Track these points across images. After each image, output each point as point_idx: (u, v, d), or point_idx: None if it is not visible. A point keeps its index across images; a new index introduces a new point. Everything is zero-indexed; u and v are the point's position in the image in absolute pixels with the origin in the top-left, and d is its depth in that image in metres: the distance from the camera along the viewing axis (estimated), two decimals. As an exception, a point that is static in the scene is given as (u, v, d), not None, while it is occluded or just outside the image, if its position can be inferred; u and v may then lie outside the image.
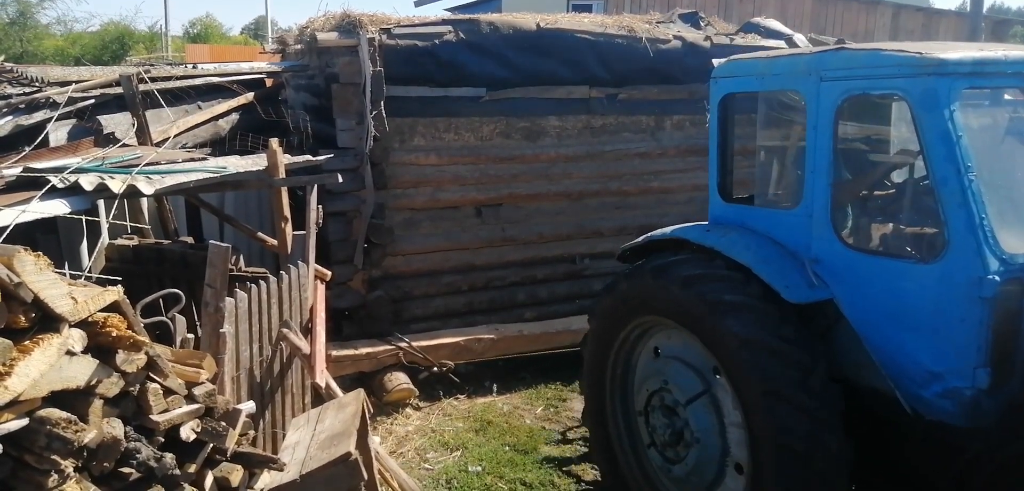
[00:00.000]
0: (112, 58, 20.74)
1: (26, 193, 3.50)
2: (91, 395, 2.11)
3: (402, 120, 5.34)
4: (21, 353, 1.91)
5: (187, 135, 5.86)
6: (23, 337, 1.95)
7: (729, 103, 3.69)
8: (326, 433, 3.00)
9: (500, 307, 5.94)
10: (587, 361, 4.04)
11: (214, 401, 2.49)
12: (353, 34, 5.14)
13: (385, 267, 5.50)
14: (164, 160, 4.35)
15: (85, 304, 2.09)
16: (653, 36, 5.83)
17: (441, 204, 5.63)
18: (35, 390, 1.94)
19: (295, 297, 3.97)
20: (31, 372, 1.91)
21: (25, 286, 1.92)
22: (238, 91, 6.73)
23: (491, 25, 5.44)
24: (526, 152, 5.77)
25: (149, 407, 2.28)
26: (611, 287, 3.89)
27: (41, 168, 3.85)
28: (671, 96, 6.10)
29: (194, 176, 4.01)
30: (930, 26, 14.75)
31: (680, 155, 6.24)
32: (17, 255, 1.94)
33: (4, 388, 1.85)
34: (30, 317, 1.97)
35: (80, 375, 2.07)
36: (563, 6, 18.09)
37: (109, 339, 2.15)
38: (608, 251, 6.16)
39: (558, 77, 5.67)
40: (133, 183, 3.70)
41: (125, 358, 2.19)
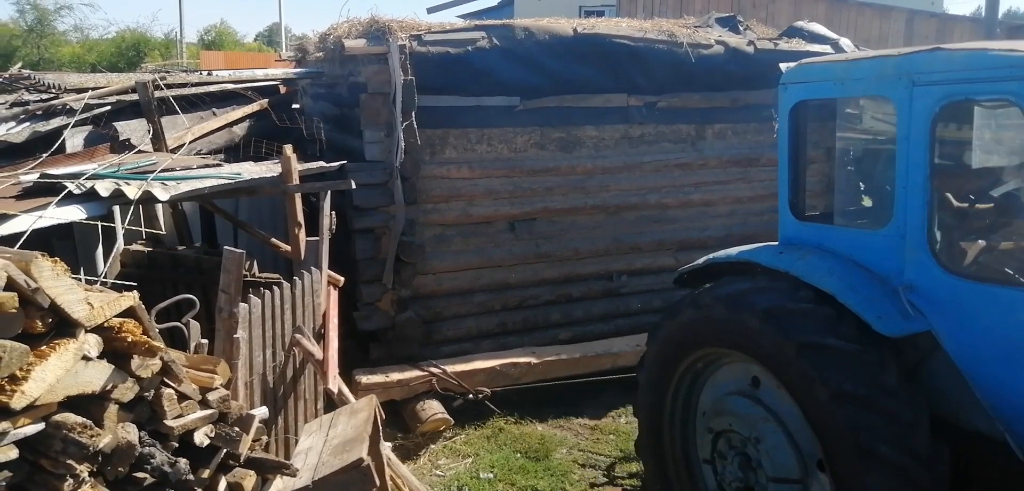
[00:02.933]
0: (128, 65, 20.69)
1: (43, 199, 3.52)
2: (106, 400, 2.11)
3: (433, 131, 5.04)
4: (38, 358, 1.91)
5: (202, 141, 5.88)
6: (40, 342, 1.95)
7: (801, 111, 3.36)
8: (338, 439, 2.99)
9: (534, 327, 5.61)
10: (643, 388, 3.70)
11: (228, 406, 2.49)
12: (382, 41, 4.84)
13: (415, 286, 5.20)
14: (179, 166, 4.39)
15: (101, 309, 2.10)
16: (694, 41, 5.50)
17: (473, 219, 5.32)
18: (51, 395, 1.95)
19: (308, 303, 3.94)
20: (48, 377, 1.92)
21: (42, 291, 1.92)
22: (252, 98, 6.75)
23: (526, 31, 5.14)
24: (561, 164, 5.45)
25: (163, 412, 2.28)
26: (674, 313, 3.56)
27: (58, 174, 3.88)
28: (712, 104, 5.77)
29: (209, 182, 4.03)
30: (944, 31, 14.45)
31: (722, 166, 5.91)
32: (35, 260, 1.94)
33: (21, 393, 1.85)
34: (47, 322, 1.97)
35: (96, 380, 2.07)
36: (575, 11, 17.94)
37: (124, 344, 2.15)
38: (646, 268, 5.85)
39: (595, 85, 5.35)
40: (149, 189, 3.73)
41: (140, 363, 2.20)
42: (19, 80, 7.85)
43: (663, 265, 5.91)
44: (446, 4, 19.37)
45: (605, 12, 17.45)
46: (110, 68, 17.36)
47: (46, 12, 24.14)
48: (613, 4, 17.81)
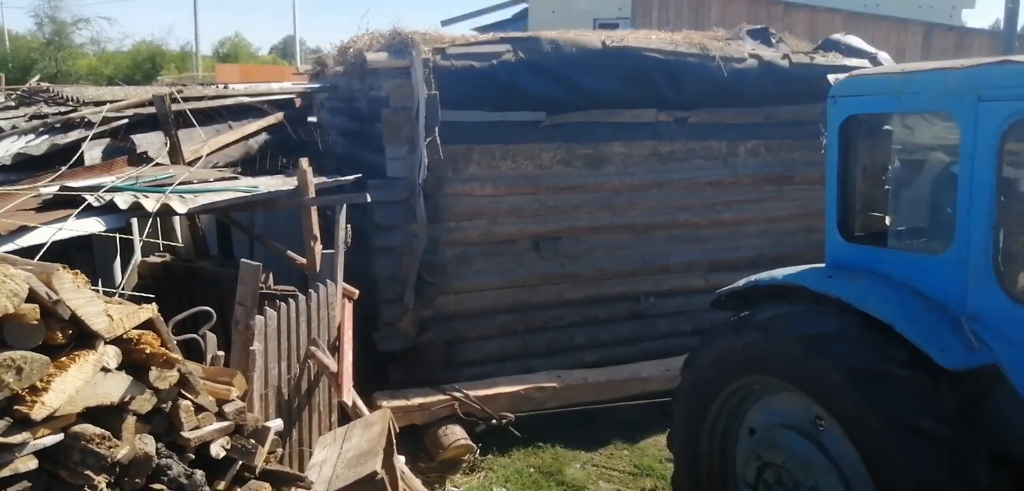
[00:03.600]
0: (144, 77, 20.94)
1: (63, 211, 3.59)
2: (124, 411, 2.14)
3: (456, 147, 4.94)
4: (58, 369, 1.94)
5: (218, 154, 5.95)
6: (60, 353, 1.98)
7: (852, 127, 3.22)
8: (353, 452, 2.98)
9: (558, 349, 5.47)
10: (679, 419, 3.54)
11: (244, 419, 2.51)
12: (405, 55, 4.77)
13: (437, 307, 5.07)
14: (196, 179, 4.45)
15: (120, 321, 2.13)
16: (727, 54, 5.37)
17: (497, 238, 5.20)
18: (70, 406, 1.98)
19: (323, 315, 3.97)
20: (67, 388, 1.95)
21: (63, 303, 1.95)
22: (268, 111, 6.82)
23: (553, 43, 5.04)
24: (588, 181, 5.32)
25: (181, 424, 2.31)
26: (713, 338, 3.40)
27: (77, 187, 3.96)
28: (745, 120, 5.64)
29: (226, 195, 4.10)
30: (962, 45, 14.34)
31: (754, 184, 5.75)
32: (56, 273, 1.97)
33: (41, 404, 1.88)
34: (67, 334, 2.00)
35: (114, 391, 2.11)
36: (590, 24, 17.94)
37: (143, 356, 2.18)
38: (675, 289, 5.70)
39: (623, 99, 5.24)
40: (167, 202, 3.78)
41: (158, 375, 2.23)
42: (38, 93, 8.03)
43: (693, 286, 5.76)
44: (460, 17, 19.48)
45: (619, 25, 17.45)
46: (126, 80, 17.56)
47: (64, 25, 24.57)
48: (627, 17, 17.82)
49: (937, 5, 17.82)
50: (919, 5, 17.33)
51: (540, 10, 19.80)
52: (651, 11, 17.37)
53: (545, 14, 19.43)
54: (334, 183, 4.85)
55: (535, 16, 19.60)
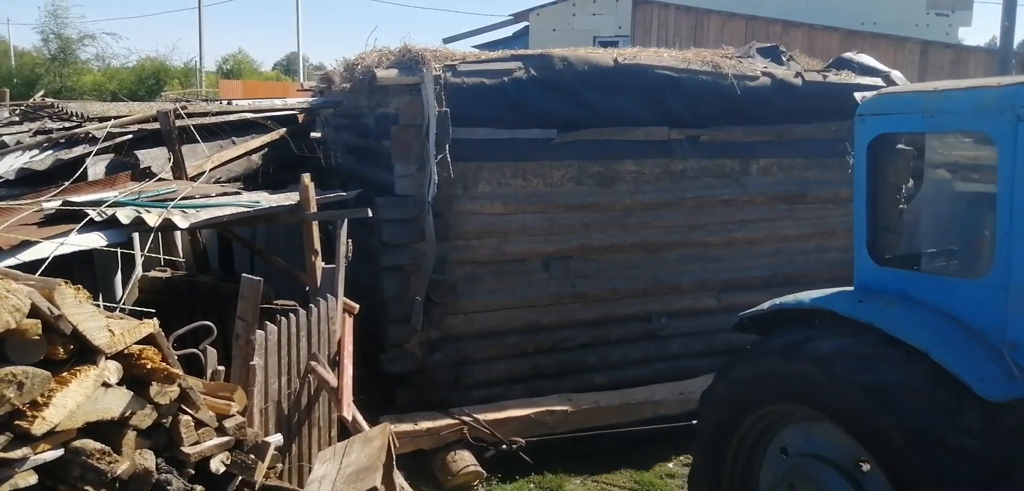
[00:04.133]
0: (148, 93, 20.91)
1: (65, 226, 3.60)
2: (125, 426, 2.12)
3: (466, 165, 4.82)
4: (59, 384, 1.92)
5: (221, 169, 5.94)
6: (61, 368, 1.96)
7: (880, 145, 3.10)
8: (352, 467, 3.01)
9: (568, 371, 5.31)
10: (699, 454, 3.38)
11: (244, 434, 2.50)
12: (415, 71, 4.66)
13: (445, 327, 4.92)
14: (199, 194, 4.46)
15: (122, 336, 2.11)
16: (739, 72, 5.27)
17: (506, 257, 5.07)
18: (71, 421, 1.96)
19: (323, 330, 3.97)
20: (68, 403, 1.93)
21: (65, 319, 1.94)
22: (271, 127, 6.81)
23: (565, 61, 4.94)
24: (599, 199, 5.20)
25: (181, 439, 2.30)
26: (734, 365, 3.26)
27: (79, 201, 3.97)
28: (758, 138, 5.53)
29: (228, 210, 4.11)
30: (959, 62, 14.41)
31: (767, 203, 5.63)
32: (58, 288, 1.95)
33: (42, 419, 1.86)
34: (69, 349, 1.99)
35: (115, 406, 2.09)
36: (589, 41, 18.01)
37: (144, 371, 2.17)
38: (687, 309, 5.56)
39: (635, 117, 5.13)
40: (169, 217, 3.80)
41: (159, 390, 2.21)
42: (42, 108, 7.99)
43: (705, 306, 5.62)
44: (461, 35, 19.52)
45: (619, 43, 17.51)
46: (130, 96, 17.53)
47: (69, 41, 24.58)
48: (627, 35, 17.89)
49: (934, 23, 17.92)
50: (915, 23, 17.44)
51: (541, 28, 19.89)
52: (650, 29, 17.47)
53: (546, 32, 19.50)
54: (336, 198, 4.85)
55: (536, 34, 19.68)
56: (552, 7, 20.12)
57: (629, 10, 18.06)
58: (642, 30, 17.73)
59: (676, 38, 16.38)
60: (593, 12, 19.78)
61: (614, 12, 19.35)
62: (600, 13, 19.70)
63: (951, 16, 18.29)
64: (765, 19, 16.52)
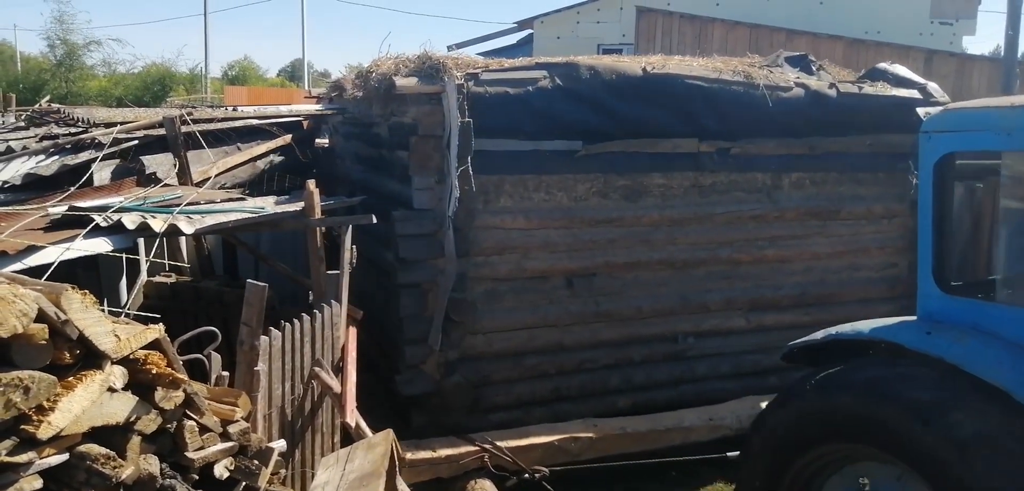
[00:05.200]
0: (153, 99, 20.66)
1: (71, 231, 3.61)
2: (130, 431, 2.12)
3: (487, 177, 4.52)
4: (65, 389, 1.92)
5: (226, 175, 5.93)
6: (67, 373, 1.96)
7: (949, 165, 2.80)
8: (355, 473, 2.97)
9: (591, 394, 5.00)
10: (746, 482, 3.08)
11: (248, 439, 2.50)
12: (436, 79, 4.36)
13: (463, 348, 4.61)
14: (204, 200, 4.46)
15: (127, 341, 2.11)
16: (772, 83, 4.97)
17: (528, 274, 4.76)
18: (76, 426, 1.96)
19: (327, 336, 3.94)
20: (73, 408, 1.93)
21: (72, 324, 1.94)
22: (276, 133, 6.77)
23: (591, 70, 4.64)
24: (625, 214, 4.89)
25: (185, 444, 2.29)
26: (787, 399, 2.96)
27: (85, 207, 3.98)
28: (790, 151, 5.23)
29: (233, 216, 4.12)
30: (963, 71, 14.18)
31: (799, 218, 5.33)
32: (65, 293, 1.95)
33: (47, 423, 1.86)
34: (75, 353, 1.98)
35: (120, 411, 2.09)
36: (594, 49, 17.77)
37: (149, 376, 2.17)
38: (715, 329, 5.25)
39: (664, 128, 4.83)
40: (174, 222, 3.82)
41: (164, 395, 2.21)
42: (48, 114, 7.98)
43: (733, 326, 5.31)
44: (466, 42, 19.27)
45: (623, 50, 17.28)
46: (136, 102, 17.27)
47: (75, 47, 24.36)
48: (631, 42, 17.66)
49: (938, 32, 17.74)
50: (919, 32, 17.25)
51: (545, 36, 19.69)
52: (654, 37, 17.23)
53: (550, 40, 19.29)
54: (340, 205, 4.84)
55: (540, 42, 19.47)
56: (556, 15, 19.94)
57: (633, 18, 17.85)
58: (646, 38, 17.51)
59: (680, 46, 16.17)
60: (597, 20, 19.58)
61: (618, 20, 19.15)
62: (604, 21, 19.51)
63: (955, 25, 18.11)
64: (769, 28, 16.33)
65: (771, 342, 5.46)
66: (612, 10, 19.34)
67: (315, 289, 4.35)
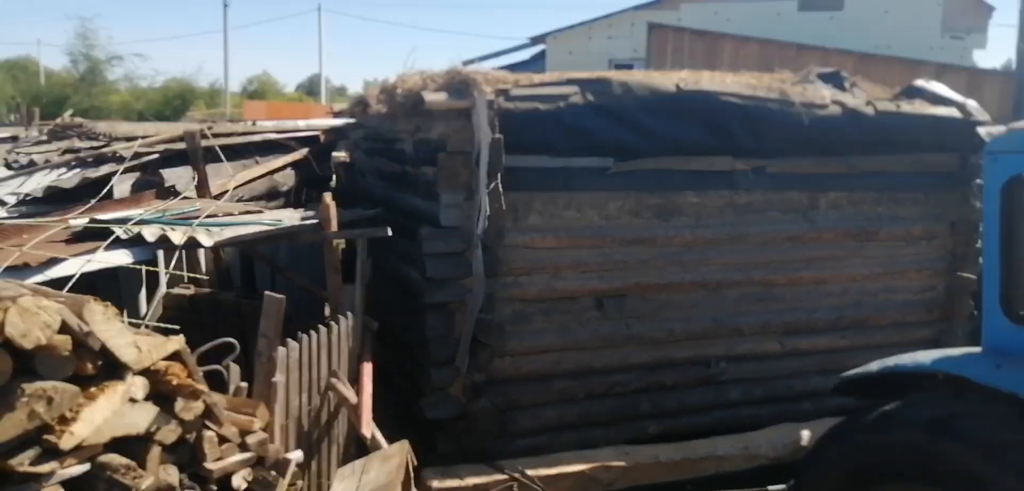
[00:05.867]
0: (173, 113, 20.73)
1: (92, 243, 3.62)
2: (150, 442, 2.10)
3: (516, 195, 4.31)
4: (87, 399, 1.92)
5: (244, 188, 5.94)
6: (89, 384, 1.95)
7: (1017, 188, 2.58)
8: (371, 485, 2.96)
9: (620, 419, 4.76)
10: None
11: (265, 450, 2.48)
12: (465, 95, 4.16)
13: (491, 370, 4.38)
14: (222, 213, 4.50)
15: (149, 353, 2.10)
16: (808, 100, 4.75)
17: (557, 294, 4.54)
18: (98, 436, 1.94)
19: (343, 348, 3.93)
20: (95, 418, 1.91)
21: (94, 335, 1.94)
22: (294, 147, 6.78)
23: (624, 86, 4.44)
24: (658, 233, 4.67)
25: (204, 455, 2.27)
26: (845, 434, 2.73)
27: (106, 219, 4.02)
28: (826, 170, 5.00)
29: (251, 229, 4.14)
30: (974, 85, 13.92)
31: (836, 239, 5.08)
32: (87, 305, 1.95)
33: (70, 433, 1.85)
34: (97, 364, 1.97)
35: (140, 422, 2.08)
36: (606, 65, 17.67)
37: (169, 387, 2.14)
38: (748, 353, 5.00)
39: (697, 146, 4.61)
40: (193, 235, 3.82)
41: (184, 406, 2.19)
42: (71, 128, 8.02)
43: (767, 350, 5.06)
44: (479, 58, 19.22)
45: (634, 66, 17.15)
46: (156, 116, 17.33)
47: (98, 62, 24.51)
48: (642, 58, 17.53)
49: (948, 46, 17.50)
50: (930, 46, 17.02)
51: (557, 52, 19.64)
52: (665, 53, 17.09)
53: (562, 56, 19.22)
54: (356, 217, 4.86)
55: (552, 58, 19.42)
56: (569, 31, 19.90)
57: (644, 34, 17.75)
58: (657, 54, 17.39)
59: (691, 62, 16.04)
60: (609, 36, 19.52)
61: (629, 36, 19.08)
62: (616, 37, 19.44)
63: (966, 39, 17.87)
64: (779, 43, 16.17)
65: (806, 367, 5.23)
66: (623, 26, 19.28)
67: (331, 301, 4.34)
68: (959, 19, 17.67)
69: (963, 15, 17.64)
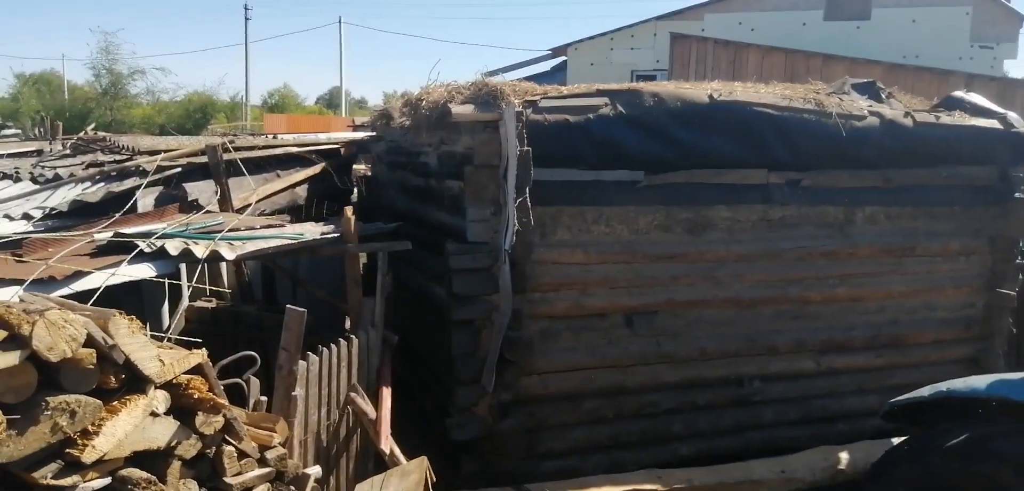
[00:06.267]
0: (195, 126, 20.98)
1: (116, 257, 3.67)
2: (170, 456, 2.10)
3: (544, 209, 4.22)
4: (109, 413, 1.92)
5: (266, 202, 5.99)
6: (112, 397, 1.96)
7: None
8: None
9: (651, 440, 4.63)
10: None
11: (285, 465, 2.48)
12: (492, 107, 4.10)
13: (518, 390, 4.28)
14: (244, 227, 4.54)
15: (171, 366, 2.10)
16: (845, 111, 4.61)
17: (586, 311, 4.43)
18: (119, 450, 1.95)
19: (363, 361, 3.93)
20: (117, 432, 1.92)
21: (119, 348, 1.94)
22: (314, 160, 6.83)
23: (655, 97, 4.34)
24: (689, 249, 4.55)
25: (224, 469, 2.27)
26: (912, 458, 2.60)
27: (130, 233, 4.08)
28: (863, 183, 4.85)
29: (273, 242, 4.17)
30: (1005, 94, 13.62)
31: (873, 256, 4.93)
32: (112, 318, 1.96)
33: (92, 447, 1.86)
34: (120, 378, 1.98)
35: (161, 436, 2.08)
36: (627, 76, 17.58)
37: (191, 401, 2.15)
38: (782, 372, 4.85)
39: (730, 158, 4.49)
40: (216, 249, 3.85)
41: (204, 420, 2.20)
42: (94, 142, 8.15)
43: (801, 370, 4.90)
44: (500, 70, 19.21)
45: (656, 76, 17.05)
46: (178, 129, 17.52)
47: (120, 76, 24.91)
48: (665, 69, 17.41)
49: (978, 56, 17.16)
50: (959, 56, 16.71)
51: (579, 63, 19.59)
52: (688, 64, 16.97)
53: (583, 66, 19.17)
54: (377, 230, 4.91)
55: (574, 69, 19.37)
56: (590, 42, 19.85)
57: (667, 44, 17.67)
58: (680, 64, 17.29)
59: (715, 72, 15.92)
60: (631, 46, 19.43)
61: (652, 46, 18.99)
62: (638, 47, 19.35)
63: (996, 48, 17.52)
64: (805, 53, 15.99)
65: (841, 386, 5.06)
66: (646, 37, 19.19)
67: (352, 314, 4.36)
68: (989, 29, 17.34)
69: (993, 24, 17.31)
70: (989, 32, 17.34)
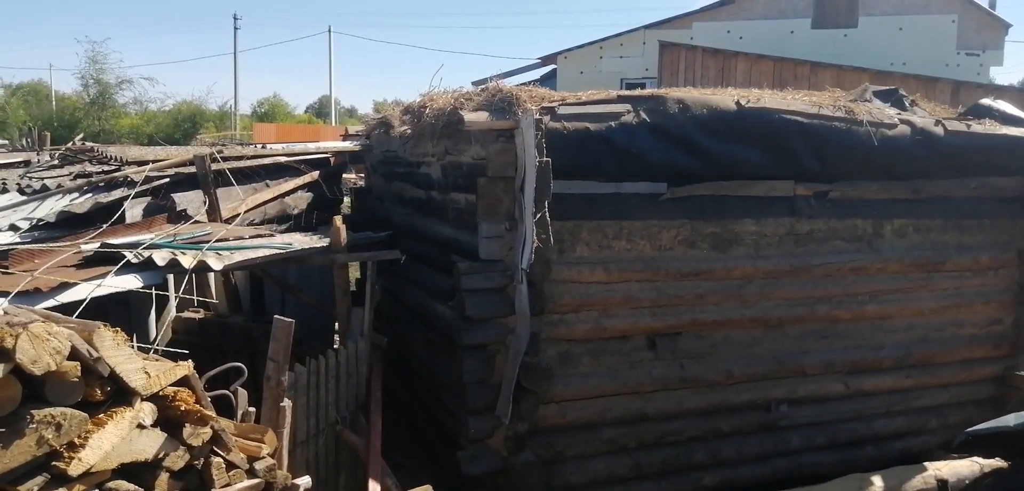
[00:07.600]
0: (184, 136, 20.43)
1: (103, 268, 3.60)
2: (158, 468, 2.08)
3: (562, 223, 3.85)
4: (95, 426, 1.90)
5: (255, 212, 5.88)
6: (98, 410, 1.94)
7: None
8: None
9: (674, 470, 4.27)
10: None
11: (274, 476, 2.45)
12: (508, 114, 3.72)
13: (535, 419, 3.90)
14: (232, 236, 4.46)
15: (157, 378, 2.08)
16: (875, 119, 4.30)
17: (606, 333, 4.06)
18: (106, 462, 1.93)
19: (352, 372, 3.87)
20: (104, 445, 1.91)
21: (104, 361, 1.93)
22: (304, 170, 6.65)
23: (680, 104, 4.00)
24: (715, 266, 4.21)
25: (212, 481, 2.24)
26: None
27: (117, 244, 4.00)
28: (892, 195, 4.55)
29: (261, 252, 4.10)
30: None
31: (903, 270, 4.62)
32: (97, 331, 1.95)
33: (78, 460, 1.85)
34: (106, 390, 1.96)
35: (149, 448, 2.06)
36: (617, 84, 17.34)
37: (178, 413, 2.13)
38: (811, 395, 4.52)
39: (757, 169, 4.16)
40: (203, 259, 3.78)
41: (192, 432, 2.17)
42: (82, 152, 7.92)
43: (829, 392, 4.58)
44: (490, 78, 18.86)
45: (645, 84, 16.82)
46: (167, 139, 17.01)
47: (108, 86, 24.26)
48: (654, 77, 17.20)
49: (964, 63, 17.15)
50: (945, 64, 16.68)
51: (568, 71, 19.32)
52: (677, 72, 16.77)
53: (573, 75, 18.90)
54: (366, 239, 4.79)
55: (563, 77, 19.09)
56: (580, 50, 19.59)
57: (656, 52, 17.48)
58: (669, 72, 17.10)
59: (703, 80, 15.74)
60: (620, 55, 19.20)
61: (641, 55, 18.78)
62: (627, 55, 19.13)
63: (982, 55, 17.51)
64: (793, 61, 15.86)
65: (870, 409, 4.75)
66: (635, 45, 18.97)
67: (341, 324, 4.33)
68: (974, 36, 17.33)
69: (978, 32, 17.30)
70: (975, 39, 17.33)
